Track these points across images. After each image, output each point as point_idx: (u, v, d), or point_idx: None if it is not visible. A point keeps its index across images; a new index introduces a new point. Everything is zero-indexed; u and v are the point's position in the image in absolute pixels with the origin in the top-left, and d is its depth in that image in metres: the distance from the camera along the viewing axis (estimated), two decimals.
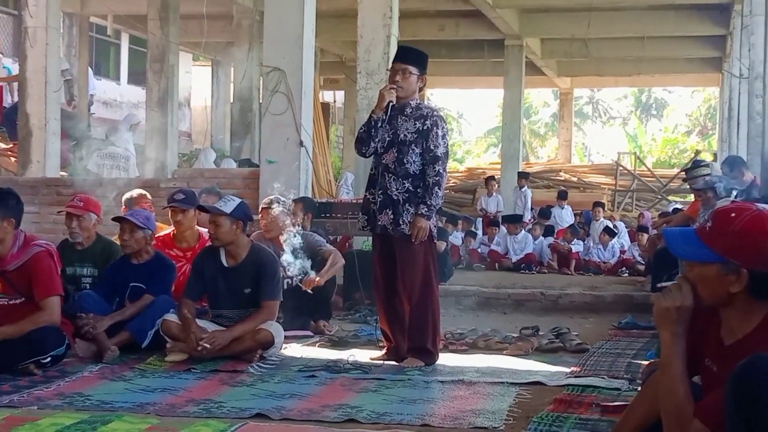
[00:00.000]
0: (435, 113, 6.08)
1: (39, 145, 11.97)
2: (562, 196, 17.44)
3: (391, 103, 6.01)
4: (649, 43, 20.71)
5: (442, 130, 6.01)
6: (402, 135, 5.98)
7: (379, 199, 6.04)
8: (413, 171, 5.96)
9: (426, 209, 5.91)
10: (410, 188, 5.95)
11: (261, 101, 10.14)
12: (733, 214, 2.80)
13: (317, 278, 7.29)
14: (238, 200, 6.15)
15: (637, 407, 3.15)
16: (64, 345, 5.58)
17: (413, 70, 6.03)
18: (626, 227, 16.70)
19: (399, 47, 6.30)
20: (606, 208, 20.56)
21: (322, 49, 20.56)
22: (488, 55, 21.46)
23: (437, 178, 5.92)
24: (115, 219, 6.68)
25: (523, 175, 18.20)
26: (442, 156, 5.97)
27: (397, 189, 5.97)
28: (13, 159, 14.46)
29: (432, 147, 5.94)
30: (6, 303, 5.56)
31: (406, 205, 5.94)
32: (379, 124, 6.03)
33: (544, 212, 16.56)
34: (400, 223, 5.94)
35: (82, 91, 20.98)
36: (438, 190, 5.94)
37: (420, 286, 5.94)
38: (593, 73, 25.61)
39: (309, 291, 7.28)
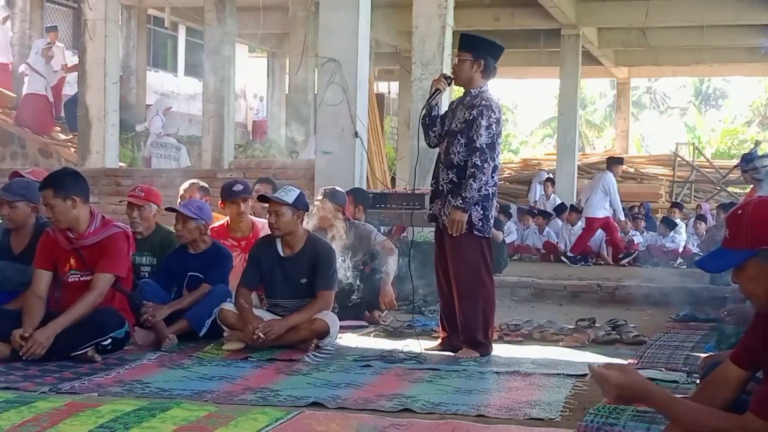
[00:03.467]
0: (483, 102, 5.88)
1: (98, 136, 12.16)
2: None
3: (438, 92, 6.00)
4: (708, 32, 20.36)
5: (487, 120, 5.82)
6: (453, 125, 5.96)
7: (432, 189, 6.08)
8: (457, 162, 5.89)
9: (461, 201, 5.80)
10: (454, 179, 5.90)
11: (316, 92, 10.17)
12: (739, 212, 2.89)
13: (393, 297, 7.37)
14: (297, 190, 6.16)
15: (696, 402, 3.12)
16: (124, 329, 5.65)
17: (465, 55, 5.96)
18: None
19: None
20: (663, 200, 20.38)
21: (376, 40, 20.53)
22: (544, 44, 21.27)
23: (473, 170, 5.78)
24: (168, 209, 6.76)
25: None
26: (482, 147, 5.79)
27: (443, 179, 5.96)
28: (72, 150, 14.72)
29: (474, 137, 5.81)
30: (78, 279, 5.68)
31: (449, 196, 5.90)
32: (434, 113, 6.03)
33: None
34: (443, 214, 5.94)
35: (140, 83, 21.27)
36: (473, 182, 5.77)
37: (467, 279, 5.89)
38: (651, 63, 25.25)
39: (388, 313, 7.45)
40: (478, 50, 5.98)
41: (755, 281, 2.84)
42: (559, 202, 17.11)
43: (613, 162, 14.53)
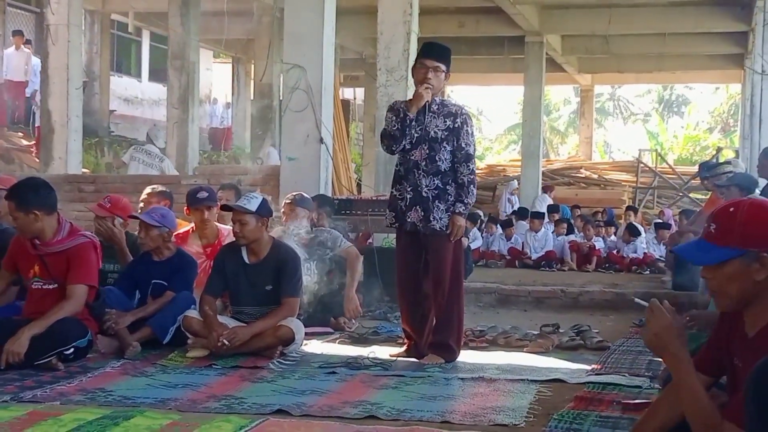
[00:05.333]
0: (463, 111, 6.13)
1: (61, 142, 12.05)
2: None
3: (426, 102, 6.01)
4: (671, 40, 20.61)
5: (471, 128, 6.11)
6: (432, 132, 5.96)
7: (408, 196, 6.01)
8: (444, 168, 5.97)
9: (463, 207, 5.98)
10: (440, 185, 5.96)
11: (281, 98, 10.15)
12: (732, 209, 2.91)
13: (357, 304, 7.37)
14: (260, 197, 6.15)
15: (659, 409, 3.14)
16: (87, 337, 5.61)
17: (443, 67, 6.03)
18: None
19: (426, 43, 6.23)
20: (627, 206, 20.53)
21: (342, 46, 20.58)
22: (508, 51, 21.43)
23: (471, 176, 6.00)
24: (130, 217, 6.72)
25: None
26: (473, 154, 6.06)
27: (427, 186, 5.97)
28: (35, 155, 14.59)
29: (464, 145, 5.97)
30: (40, 287, 5.66)
31: (436, 201, 5.95)
32: (413, 123, 6.02)
33: (553, 208, 16.61)
34: (431, 219, 5.94)
35: (103, 89, 21.13)
36: (473, 188, 6.01)
37: (449, 283, 5.96)
38: (614, 70, 25.52)
39: (353, 321, 7.43)
40: (449, 63, 6.10)
41: (731, 280, 2.87)
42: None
43: None
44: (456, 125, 5.97)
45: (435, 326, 5.99)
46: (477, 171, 6.34)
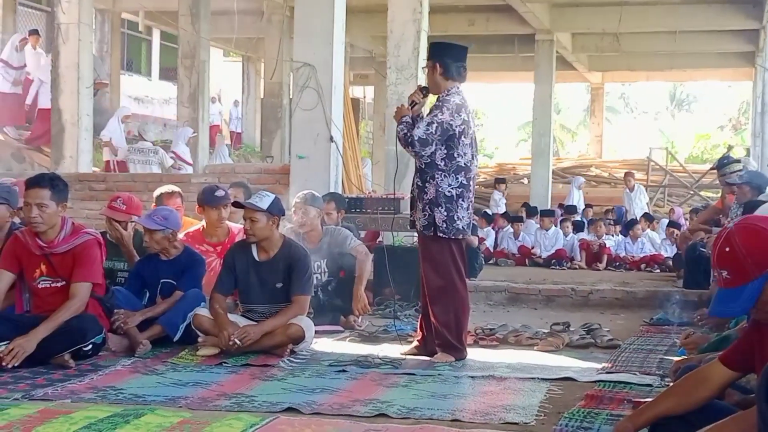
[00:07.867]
0: (437, 104, 5.88)
1: (72, 141, 12.08)
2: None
3: (415, 104, 5.99)
4: (681, 38, 20.54)
5: (436, 117, 5.77)
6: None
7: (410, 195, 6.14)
8: (418, 166, 5.95)
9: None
10: (419, 183, 5.96)
11: (291, 97, 10.16)
12: (727, 249, 2.91)
13: (366, 302, 7.39)
14: (272, 195, 6.15)
15: (664, 398, 3.16)
16: (103, 333, 5.65)
17: (427, 62, 6.06)
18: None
19: None
20: None
21: (351, 45, 20.56)
22: (519, 49, 21.36)
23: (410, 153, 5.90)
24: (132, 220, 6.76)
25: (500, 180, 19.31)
26: (422, 136, 5.72)
27: (414, 185, 6.04)
28: (45, 154, 14.63)
29: (417, 128, 5.82)
30: (49, 285, 5.69)
31: (417, 201, 5.99)
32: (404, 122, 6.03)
33: (570, 208, 16.54)
34: (413, 219, 6.02)
35: (114, 88, 21.16)
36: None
37: (437, 282, 5.90)
38: (624, 68, 25.44)
39: (363, 319, 7.46)
40: (433, 54, 6.04)
41: None
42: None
43: None
44: (427, 115, 5.90)
45: (434, 326, 5.95)
46: (486, 170, 6.30)
